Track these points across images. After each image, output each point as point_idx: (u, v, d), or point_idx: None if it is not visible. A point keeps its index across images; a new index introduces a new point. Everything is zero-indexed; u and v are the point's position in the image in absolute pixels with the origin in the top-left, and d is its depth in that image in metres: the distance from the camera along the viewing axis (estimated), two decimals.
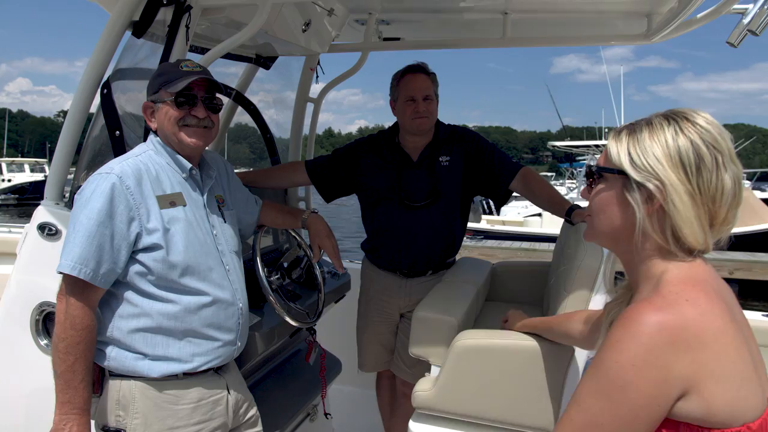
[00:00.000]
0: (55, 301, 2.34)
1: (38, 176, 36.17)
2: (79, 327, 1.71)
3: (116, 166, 1.79)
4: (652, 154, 1.13)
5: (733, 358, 1.05)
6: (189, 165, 1.91)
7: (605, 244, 1.28)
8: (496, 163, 2.79)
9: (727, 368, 1.04)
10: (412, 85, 2.74)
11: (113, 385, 1.81)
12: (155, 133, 1.94)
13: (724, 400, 1.03)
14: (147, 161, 1.85)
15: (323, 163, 2.97)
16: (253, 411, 2.09)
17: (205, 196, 1.96)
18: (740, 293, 11.62)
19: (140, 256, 1.77)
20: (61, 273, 1.72)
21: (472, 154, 2.80)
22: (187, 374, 1.84)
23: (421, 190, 2.76)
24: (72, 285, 1.72)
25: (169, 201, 1.83)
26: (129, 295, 1.79)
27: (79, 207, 1.74)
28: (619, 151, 1.17)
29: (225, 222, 2.01)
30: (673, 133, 1.13)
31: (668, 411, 1.04)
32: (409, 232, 2.79)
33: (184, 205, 1.86)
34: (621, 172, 1.16)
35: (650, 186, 1.12)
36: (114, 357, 1.80)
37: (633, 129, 1.18)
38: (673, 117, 1.16)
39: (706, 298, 1.08)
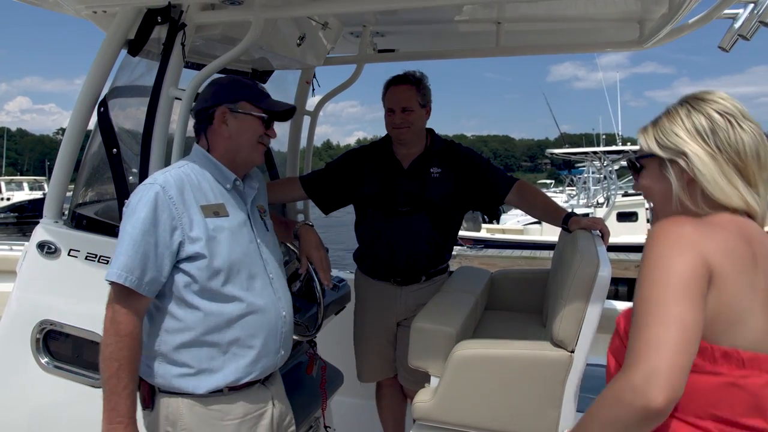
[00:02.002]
0: (55, 320, 2.36)
1: (37, 194, 36.19)
2: (123, 333, 1.71)
3: (159, 176, 1.83)
4: (672, 133, 1.30)
5: (747, 278, 1.19)
6: (233, 176, 1.94)
7: None
8: (491, 177, 2.82)
9: (737, 279, 1.18)
10: (391, 97, 2.80)
11: (163, 401, 1.84)
12: (195, 141, 1.98)
13: (730, 308, 1.17)
14: (190, 172, 1.88)
15: (318, 177, 3.00)
16: (292, 422, 2.12)
17: (248, 206, 1.99)
18: None
19: (183, 265, 1.79)
20: (108, 281, 1.74)
21: (467, 169, 2.83)
22: (232, 389, 1.85)
23: (408, 197, 2.79)
24: (118, 293, 1.73)
25: (213, 211, 1.86)
26: (173, 308, 1.81)
27: (126, 217, 1.78)
28: (647, 140, 1.35)
29: (267, 231, 2.05)
30: (687, 111, 1.31)
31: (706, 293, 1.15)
32: (393, 237, 2.81)
33: (227, 216, 1.88)
34: (652, 155, 1.33)
35: (679, 160, 1.28)
36: (161, 374, 1.82)
37: (655, 120, 1.37)
38: (686, 100, 1.34)
39: (737, 228, 1.24)
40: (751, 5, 2.28)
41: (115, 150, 2.28)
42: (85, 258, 2.32)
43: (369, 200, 2.88)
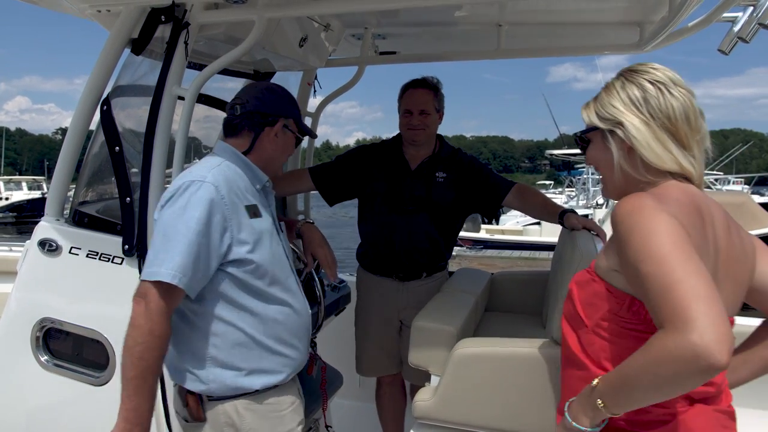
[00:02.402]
0: (55, 318, 2.36)
1: (36, 194, 36.14)
2: (158, 334, 1.68)
3: (208, 174, 1.77)
4: (609, 105, 1.39)
5: (700, 251, 1.21)
6: (266, 177, 1.97)
7: (616, 195, 1.45)
8: (491, 181, 2.94)
9: (699, 251, 1.20)
10: (410, 99, 2.89)
11: (218, 409, 1.81)
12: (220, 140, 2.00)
13: None
14: (226, 170, 1.84)
15: (327, 168, 3.08)
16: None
17: (272, 208, 2.01)
18: None
19: (231, 268, 1.77)
20: (153, 280, 1.67)
21: (470, 175, 2.95)
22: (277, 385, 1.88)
23: (414, 197, 2.88)
24: (164, 292, 1.68)
25: (252, 211, 1.85)
26: (220, 311, 1.79)
27: (174, 215, 1.71)
28: (588, 114, 1.44)
29: (282, 231, 2.06)
30: (621, 84, 1.40)
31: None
32: (396, 234, 2.89)
33: (261, 217, 1.89)
34: (595, 129, 1.42)
35: (617, 130, 1.37)
36: (213, 379, 1.79)
37: (596, 96, 1.45)
38: (621, 73, 1.43)
39: (688, 198, 1.30)
40: (751, 8, 2.29)
41: (117, 148, 2.28)
42: (86, 256, 2.32)
43: (375, 197, 2.95)
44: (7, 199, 36.38)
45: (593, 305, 1.37)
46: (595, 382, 1.25)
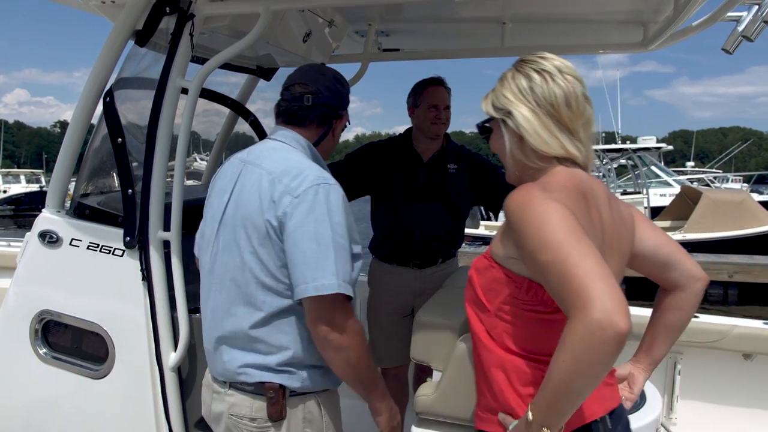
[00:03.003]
0: (54, 310, 2.35)
1: (34, 187, 36.09)
2: (362, 340, 1.74)
3: (327, 175, 1.74)
4: (502, 95, 1.46)
5: (589, 233, 1.27)
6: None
7: (515, 182, 1.52)
8: (501, 179, 2.96)
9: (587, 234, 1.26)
10: (437, 95, 3.05)
11: (299, 406, 1.78)
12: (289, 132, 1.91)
13: None
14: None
15: (339, 167, 3.15)
16: None
17: None
18: (739, 296, 11.54)
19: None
20: (330, 294, 1.63)
21: (480, 170, 3.15)
22: None
23: (428, 187, 3.05)
24: (343, 302, 1.68)
25: None
26: None
27: (321, 222, 1.65)
28: (485, 104, 1.51)
29: None
30: (512, 74, 1.46)
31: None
32: (413, 222, 3.02)
33: None
34: (491, 118, 1.50)
35: (507, 119, 1.44)
36: (306, 377, 1.77)
37: (495, 87, 1.52)
38: (514, 63, 1.49)
39: (573, 184, 1.37)
40: (756, 7, 2.28)
41: (120, 139, 2.27)
42: (87, 247, 2.31)
43: (391, 189, 3.07)
44: (5, 192, 36.31)
45: (493, 290, 1.45)
46: (529, 415, 1.25)
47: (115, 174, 2.36)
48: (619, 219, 1.50)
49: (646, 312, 3.10)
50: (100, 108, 2.34)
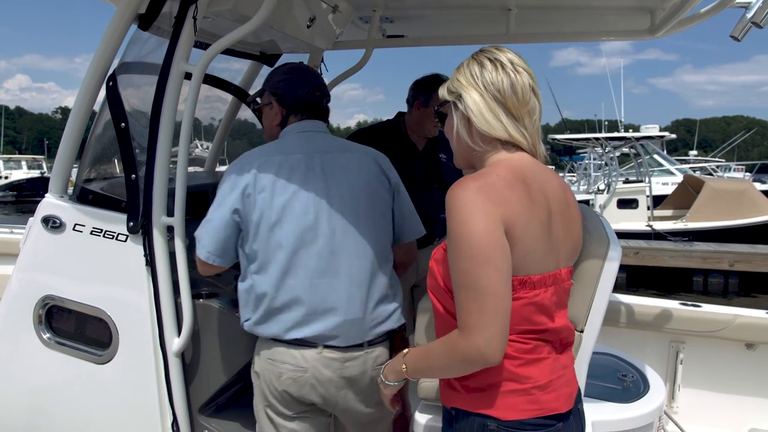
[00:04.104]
0: (57, 295, 2.35)
1: (35, 173, 36.09)
2: None
3: None
4: (456, 80, 1.54)
5: (529, 218, 1.42)
6: None
7: (462, 165, 1.62)
8: None
9: (524, 223, 1.40)
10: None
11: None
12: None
13: (525, 247, 1.40)
14: None
15: None
16: None
17: None
18: (740, 285, 11.51)
19: None
20: None
21: None
22: None
23: (428, 175, 3.14)
24: None
25: None
26: None
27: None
28: (442, 89, 1.58)
29: None
30: (468, 61, 1.54)
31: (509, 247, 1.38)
32: (417, 209, 3.01)
33: None
34: (447, 102, 1.57)
35: (458, 102, 1.52)
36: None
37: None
38: (474, 53, 1.56)
39: (512, 173, 1.44)
40: None
41: (123, 124, 2.26)
42: (91, 233, 2.31)
43: None
44: (6, 177, 36.33)
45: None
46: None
47: (118, 159, 2.35)
48: (574, 207, 1.61)
49: (643, 301, 3.12)
50: (102, 93, 2.33)
